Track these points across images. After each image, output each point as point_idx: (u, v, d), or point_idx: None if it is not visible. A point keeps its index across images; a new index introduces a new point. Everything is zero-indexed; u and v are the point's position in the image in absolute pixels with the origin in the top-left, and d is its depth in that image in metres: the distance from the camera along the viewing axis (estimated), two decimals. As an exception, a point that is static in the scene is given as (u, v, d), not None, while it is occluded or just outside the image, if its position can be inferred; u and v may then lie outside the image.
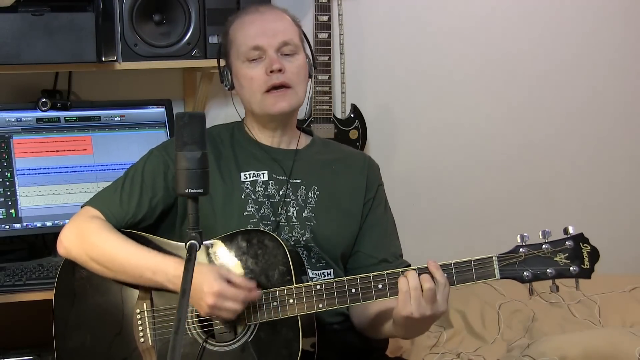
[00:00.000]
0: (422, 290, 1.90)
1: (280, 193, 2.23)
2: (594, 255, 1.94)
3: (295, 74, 2.20)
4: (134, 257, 2.09)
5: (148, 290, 2.13)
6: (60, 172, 2.79)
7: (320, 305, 1.99)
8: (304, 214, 2.22)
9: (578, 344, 2.62)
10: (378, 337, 2.20)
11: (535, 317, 2.95)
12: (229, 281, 1.98)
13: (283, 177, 2.25)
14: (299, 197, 2.24)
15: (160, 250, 2.13)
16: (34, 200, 2.74)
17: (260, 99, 2.19)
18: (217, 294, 1.95)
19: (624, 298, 3.07)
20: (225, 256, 2.08)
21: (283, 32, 2.20)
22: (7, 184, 2.73)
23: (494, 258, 1.94)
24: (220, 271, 2.00)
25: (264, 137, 2.29)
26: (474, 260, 1.94)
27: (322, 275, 2.21)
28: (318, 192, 2.25)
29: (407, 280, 1.92)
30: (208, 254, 2.09)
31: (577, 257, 1.93)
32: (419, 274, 1.92)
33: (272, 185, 2.24)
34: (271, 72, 2.17)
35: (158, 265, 2.06)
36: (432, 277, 1.92)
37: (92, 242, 2.13)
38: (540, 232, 1.94)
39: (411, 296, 1.90)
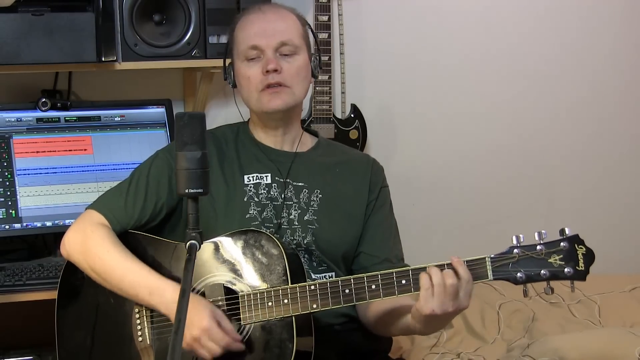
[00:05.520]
0: (444, 287, 1.88)
1: (283, 196, 2.23)
2: (589, 257, 1.91)
3: (294, 75, 2.20)
4: (132, 274, 2.09)
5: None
6: (60, 172, 2.79)
7: (315, 306, 1.99)
8: (305, 217, 2.22)
9: (578, 344, 2.62)
10: (388, 334, 2.19)
11: (535, 317, 2.95)
12: (219, 324, 1.97)
13: (286, 180, 2.25)
14: (301, 200, 2.24)
15: (161, 251, 2.14)
16: (34, 200, 2.74)
17: (256, 97, 2.20)
18: (204, 330, 1.95)
19: (624, 298, 3.07)
20: (223, 255, 2.08)
21: (282, 32, 2.20)
22: (7, 184, 2.73)
23: (487, 259, 1.93)
24: (214, 311, 1.99)
25: (267, 138, 2.29)
26: (466, 261, 1.93)
27: (324, 279, 2.20)
28: (321, 196, 2.24)
29: (429, 277, 1.89)
30: (206, 255, 2.08)
31: (571, 258, 1.91)
32: (441, 270, 1.90)
33: (275, 188, 2.24)
34: (267, 71, 2.17)
35: (156, 287, 2.05)
36: (456, 272, 1.90)
37: (93, 252, 2.12)
38: (535, 233, 1.93)
39: (434, 293, 1.88)
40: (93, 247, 2.13)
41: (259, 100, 2.20)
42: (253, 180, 2.24)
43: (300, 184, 2.25)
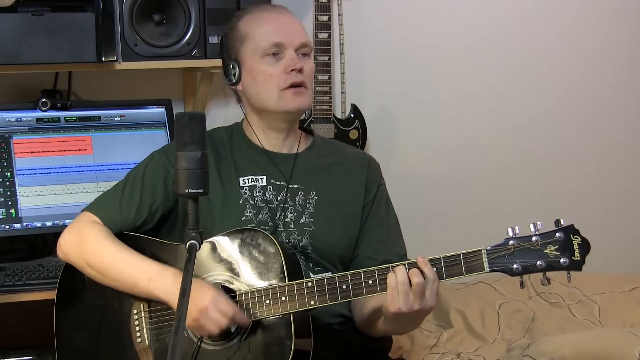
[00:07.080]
0: (410, 285, 1.90)
1: (279, 198, 2.23)
2: (585, 246, 1.91)
3: (309, 76, 2.22)
4: (131, 265, 2.09)
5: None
6: (60, 172, 2.79)
7: (312, 302, 1.99)
8: (301, 220, 2.22)
9: (578, 344, 2.62)
10: (375, 334, 2.20)
11: (535, 317, 2.94)
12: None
13: (282, 183, 2.24)
14: (297, 203, 2.23)
15: (160, 252, 2.14)
16: (34, 200, 2.74)
17: (278, 95, 2.18)
18: (211, 300, 1.95)
19: (624, 298, 3.07)
20: (220, 254, 2.08)
21: (301, 33, 2.22)
22: (7, 184, 2.73)
23: (483, 251, 1.94)
24: (217, 288, 2.00)
25: (265, 139, 2.27)
26: (463, 254, 1.94)
27: (321, 278, 2.21)
28: (317, 198, 2.24)
29: (395, 276, 1.91)
30: (204, 254, 2.08)
31: (567, 249, 1.91)
32: (408, 269, 1.92)
33: (270, 191, 2.23)
34: (292, 70, 2.16)
35: (156, 273, 2.05)
36: (421, 272, 1.92)
37: (90, 249, 2.13)
38: (531, 225, 1.93)
39: (399, 291, 1.90)
40: (89, 244, 2.13)
41: (280, 99, 2.18)
42: (248, 182, 2.23)
43: (295, 186, 2.24)
